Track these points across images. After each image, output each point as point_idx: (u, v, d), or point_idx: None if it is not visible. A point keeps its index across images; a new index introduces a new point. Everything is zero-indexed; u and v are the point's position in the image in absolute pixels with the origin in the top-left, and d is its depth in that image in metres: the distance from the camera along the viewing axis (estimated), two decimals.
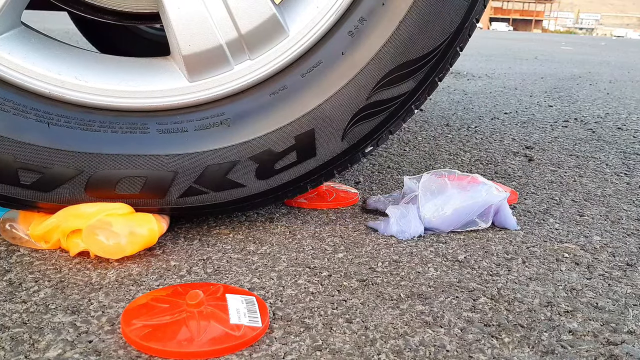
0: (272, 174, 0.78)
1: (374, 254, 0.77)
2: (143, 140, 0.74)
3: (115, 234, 0.69)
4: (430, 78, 0.79)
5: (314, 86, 0.77)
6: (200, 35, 0.73)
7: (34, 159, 0.71)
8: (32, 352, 0.53)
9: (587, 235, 0.88)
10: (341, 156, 0.80)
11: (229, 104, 0.76)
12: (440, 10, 0.75)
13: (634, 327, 0.62)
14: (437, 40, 0.77)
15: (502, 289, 0.69)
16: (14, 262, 0.71)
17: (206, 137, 0.75)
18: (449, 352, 0.56)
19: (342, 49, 0.76)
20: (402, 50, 0.76)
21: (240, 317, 0.58)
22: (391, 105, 0.79)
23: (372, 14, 0.76)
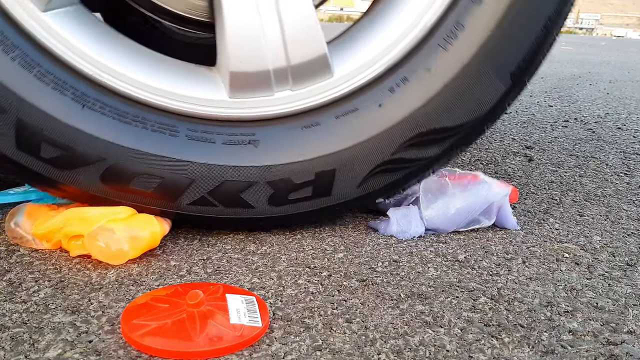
0: (284, 202, 0.79)
1: (374, 254, 0.77)
2: (170, 142, 0.74)
3: (117, 240, 0.69)
4: (454, 148, 0.81)
5: (346, 129, 0.78)
6: (253, 57, 0.74)
7: (61, 135, 0.71)
8: (32, 352, 0.53)
9: (587, 235, 0.88)
10: (352, 202, 0.81)
11: (262, 126, 0.77)
12: (480, 88, 0.78)
13: (634, 327, 0.62)
14: (470, 114, 0.79)
15: (502, 289, 0.69)
16: (14, 262, 0.71)
17: (231, 153, 0.76)
18: (449, 352, 0.56)
19: (379, 101, 0.78)
20: (437, 116, 0.78)
21: (240, 317, 0.58)
22: (412, 165, 0.81)
23: (416, 76, 0.77)
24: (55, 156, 0.72)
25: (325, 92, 0.77)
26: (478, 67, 0.77)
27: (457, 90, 0.78)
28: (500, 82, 0.78)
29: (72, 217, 0.71)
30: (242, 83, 0.75)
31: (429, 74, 0.77)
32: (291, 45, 0.74)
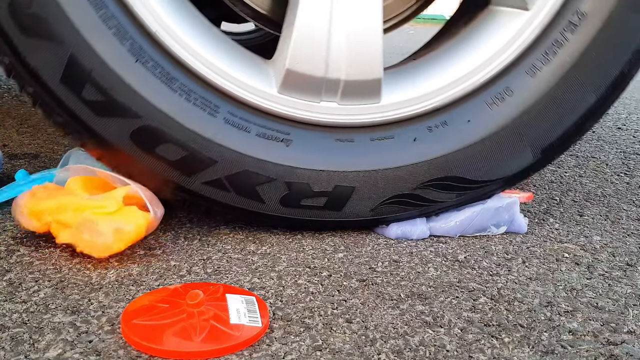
0: (295, 206, 0.79)
1: (374, 254, 0.77)
2: (207, 121, 0.74)
3: (100, 232, 0.69)
4: (470, 198, 0.83)
5: (377, 153, 0.79)
6: (313, 60, 0.75)
7: (106, 81, 0.71)
8: (32, 352, 0.53)
9: (587, 235, 0.88)
10: (359, 222, 0.82)
11: (299, 128, 0.78)
12: (510, 154, 0.81)
13: (634, 327, 0.62)
14: (494, 175, 0.82)
15: (502, 289, 0.69)
16: (14, 262, 0.71)
17: (261, 146, 0.76)
18: (449, 352, 0.56)
19: (415, 135, 0.79)
20: (465, 166, 0.80)
21: (240, 317, 0.58)
22: (426, 205, 0.82)
23: (455, 124, 0.80)
24: (95, 100, 0.71)
25: (368, 114, 0.79)
26: (514, 134, 0.81)
27: (490, 148, 0.80)
28: (531, 153, 0.82)
29: (66, 205, 0.71)
30: (295, 82, 0.76)
31: (467, 125, 0.80)
32: (351, 62, 0.75)
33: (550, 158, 0.84)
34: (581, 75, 0.79)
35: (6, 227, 0.80)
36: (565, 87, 0.80)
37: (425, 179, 0.80)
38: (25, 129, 1.37)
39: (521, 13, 0.78)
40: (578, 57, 0.79)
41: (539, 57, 0.79)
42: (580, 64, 0.79)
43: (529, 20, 0.78)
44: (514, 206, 0.85)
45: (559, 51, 0.79)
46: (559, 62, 0.79)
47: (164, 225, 0.84)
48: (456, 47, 0.82)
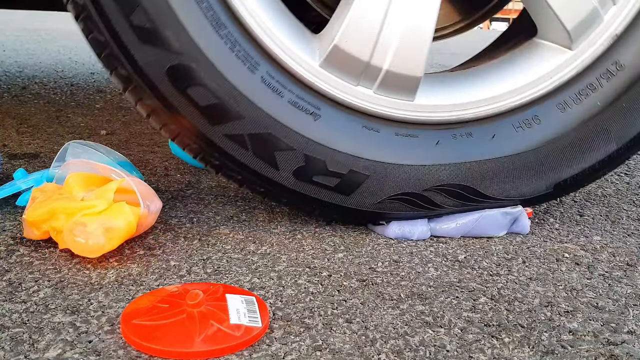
0: (306, 180, 0.79)
1: (374, 254, 0.77)
2: (244, 75, 0.74)
3: (91, 233, 0.68)
4: (475, 209, 0.85)
5: (397, 147, 0.80)
6: (362, 42, 0.76)
7: (155, 9, 0.70)
8: (32, 352, 0.53)
9: (587, 235, 0.88)
10: (362, 213, 0.82)
11: (330, 106, 0.78)
12: (526, 181, 0.83)
13: (634, 327, 0.62)
14: (505, 193, 0.84)
15: (502, 289, 0.69)
16: (13, 262, 0.70)
17: (290, 113, 0.76)
18: (449, 352, 0.56)
19: (439, 139, 0.81)
20: (479, 180, 0.82)
21: (240, 317, 0.58)
22: (431, 208, 0.83)
23: (478, 138, 0.82)
24: (142, 25, 0.70)
25: (400, 109, 0.79)
26: (533, 161, 0.82)
27: (507, 168, 0.82)
28: (544, 184, 0.84)
29: (58, 210, 0.71)
30: (338, 60, 0.76)
31: (490, 141, 0.82)
32: (398, 54, 0.76)
33: (559, 194, 0.87)
34: (607, 122, 0.82)
35: (6, 227, 0.80)
36: (590, 129, 0.83)
37: (438, 183, 0.80)
38: (25, 129, 1.37)
39: (564, 51, 0.81)
40: (608, 104, 0.82)
41: (572, 96, 0.82)
42: (609, 111, 0.82)
43: (570, 60, 0.81)
44: (518, 215, 0.85)
45: (591, 94, 0.82)
46: (589, 105, 0.82)
47: (164, 225, 0.84)
48: (494, 69, 0.85)
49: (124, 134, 1.38)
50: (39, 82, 2.06)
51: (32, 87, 1.95)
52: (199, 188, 1.02)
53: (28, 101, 1.72)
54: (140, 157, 1.20)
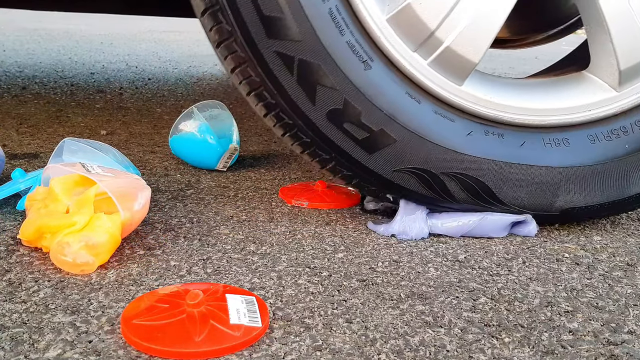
0: (336, 124, 0.78)
1: (374, 254, 0.77)
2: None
3: (77, 253, 0.67)
4: (477, 212, 0.86)
5: (431, 122, 0.80)
6: None
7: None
8: (32, 352, 0.53)
9: (587, 235, 0.88)
10: (375, 177, 0.81)
11: (381, 60, 0.77)
12: (539, 195, 0.85)
13: (635, 327, 0.62)
14: (515, 202, 0.85)
15: (503, 289, 0.69)
16: (13, 262, 0.70)
17: (346, 58, 0.75)
18: (449, 352, 0.56)
19: (472, 130, 0.82)
20: (496, 181, 0.83)
21: (240, 317, 0.58)
22: (441, 193, 0.84)
23: (509, 139, 0.83)
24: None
25: (445, 90, 0.79)
26: (554, 180, 0.84)
27: (527, 179, 0.83)
28: (557, 205, 0.86)
29: (42, 227, 0.70)
30: (404, 21, 0.76)
31: (519, 148, 0.83)
32: (464, 33, 0.77)
33: (567, 219, 0.89)
34: (629, 166, 0.85)
35: (6, 227, 0.80)
36: (613, 168, 0.85)
37: (457, 169, 0.81)
38: (25, 129, 1.37)
39: (608, 90, 0.84)
40: (634, 150, 0.85)
41: (604, 132, 0.84)
42: (634, 156, 0.85)
43: (611, 100, 0.84)
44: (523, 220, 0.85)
45: (621, 136, 0.84)
46: (617, 145, 0.84)
47: (164, 225, 0.84)
48: (538, 85, 0.87)
49: (124, 134, 1.38)
50: (39, 82, 2.06)
51: (32, 87, 1.95)
52: (199, 188, 1.02)
53: (28, 101, 1.72)
54: (140, 157, 1.20)
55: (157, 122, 1.54)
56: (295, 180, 1.09)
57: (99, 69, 2.47)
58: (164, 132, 1.42)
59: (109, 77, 2.28)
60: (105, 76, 2.29)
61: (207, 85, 2.19)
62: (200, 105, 1.13)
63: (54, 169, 0.78)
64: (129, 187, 0.75)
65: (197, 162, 1.12)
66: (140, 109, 1.69)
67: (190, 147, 1.10)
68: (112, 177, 0.75)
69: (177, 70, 2.58)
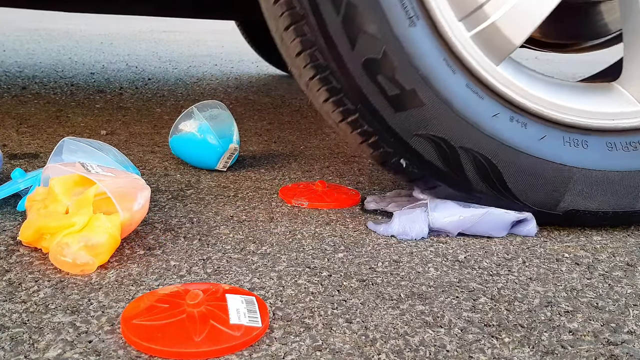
0: (370, 75, 0.77)
1: (374, 254, 0.77)
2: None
3: (77, 254, 0.67)
4: (482, 203, 0.87)
5: (461, 94, 0.79)
6: None
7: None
8: (32, 352, 0.53)
9: (587, 235, 0.88)
10: (394, 136, 0.81)
11: (425, 21, 0.78)
12: (548, 191, 0.84)
13: (635, 327, 0.62)
14: (530, 200, 0.85)
15: (503, 289, 0.69)
16: (13, 262, 0.70)
17: (392, 9, 0.75)
18: (449, 352, 0.56)
19: (499, 112, 0.82)
20: (512, 173, 0.84)
21: (240, 317, 0.58)
22: (453, 169, 0.83)
23: (530, 130, 0.82)
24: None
25: (480, 65, 0.79)
26: (564, 177, 0.84)
27: (537, 174, 0.83)
28: (556, 204, 0.86)
29: (42, 229, 0.70)
30: None
31: (538, 141, 0.83)
32: (511, 12, 0.77)
33: (569, 221, 0.89)
34: (636, 182, 0.86)
35: (6, 227, 0.80)
36: (626, 179, 0.86)
37: (476, 148, 0.80)
38: (25, 129, 1.37)
39: (633, 104, 0.85)
40: None
41: (621, 142, 0.85)
42: None
43: (635, 114, 0.85)
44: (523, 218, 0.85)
45: (638, 149, 0.85)
46: (633, 157, 0.85)
47: (164, 225, 0.84)
48: (568, 86, 0.87)
49: (124, 134, 1.38)
50: (39, 82, 2.06)
51: (32, 87, 1.95)
52: (199, 188, 1.02)
53: (28, 101, 1.72)
54: (140, 157, 1.20)
55: (157, 122, 1.54)
56: (295, 180, 1.09)
57: (99, 69, 2.47)
58: (164, 132, 1.42)
59: (109, 77, 2.28)
60: (105, 76, 2.29)
61: (207, 85, 2.19)
62: (200, 105, 1.13)
63: (54, 168, 0.78)
64: (129, 187, 0.75)
65: (197, 162, 1.12)
66: (140, 109, 1.69)
67: (190, 147, 1.10)
68: (112, 177, 0.75)
69: (177, 70, 2.58)
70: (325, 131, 1.52)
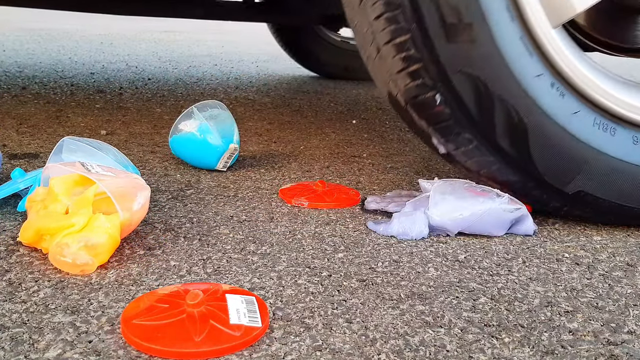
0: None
1: (374, 254, 0.77)
2: None
3: (76, 254, 0.67)
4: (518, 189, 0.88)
5: (515, 52, 0.80)
6: None
7: None
8: (32, 352, 0.53)
9: (587, 235, 0.88)
10: (437, 65, 0.80)
11: None
12: (560, 177, 0.84)
13: (635, 327, 0.62)
14: (560, 183, 0.85)
15: (503, 289, 0.69)
16: (13, 262, 0.70)
17: None
18: (449, 352, 0.56)
19: (552, 82, 0.82)
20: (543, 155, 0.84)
21: (240, 317, 0.58)
22: (483, 119, 0.84)
23: (581, 117, 0.83)
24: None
25: (537, 20, 0.79)
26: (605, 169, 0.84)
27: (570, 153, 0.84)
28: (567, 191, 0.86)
29: (42, 229, 0.70)
30: None
31: (592, 127, 0.84)
32: None
33: (574, 205, 0.88)
34: None
35: (6, 227, 0.80)
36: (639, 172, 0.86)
37: (513, 101, 0.80)
38: (25, 129, 1.37)
39: None
40: None
41: None
42: None
43: None
44: (520, 215, 0.85)
45: None
46: None
47: (164, 225, 0.84)
48: (607, 76, 0.87)
49: (124, 134, 1.38)
50: (39, 82, 2.06)
51: (32, 87, 1.95)
52: (199, 188, 1.02)
53: (28, 101, 1.72)
54: (140, 157, 1.20)
55: (157, 122, 1.54)
56: (295, 180, 1.09)
57: (99, 69, 2.47)
58: (164, 132, 1.42)
59: (109, 77, 2.28)
60: (105, 76, 2.29)
61: (207, 85, 2.19)
62: (200, 105, 1.13)
63: (54, 168, 0.78)
64: (129, 187, 0.75)
65: (197, 162, 1.12)
66: (140, 109, 1.69)
67: (190, 147, 1.10)
68: (112, 177, 0.75)
69: (177, 70, 2.58)
70: (325, 131, 1.52)
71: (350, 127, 1.58)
